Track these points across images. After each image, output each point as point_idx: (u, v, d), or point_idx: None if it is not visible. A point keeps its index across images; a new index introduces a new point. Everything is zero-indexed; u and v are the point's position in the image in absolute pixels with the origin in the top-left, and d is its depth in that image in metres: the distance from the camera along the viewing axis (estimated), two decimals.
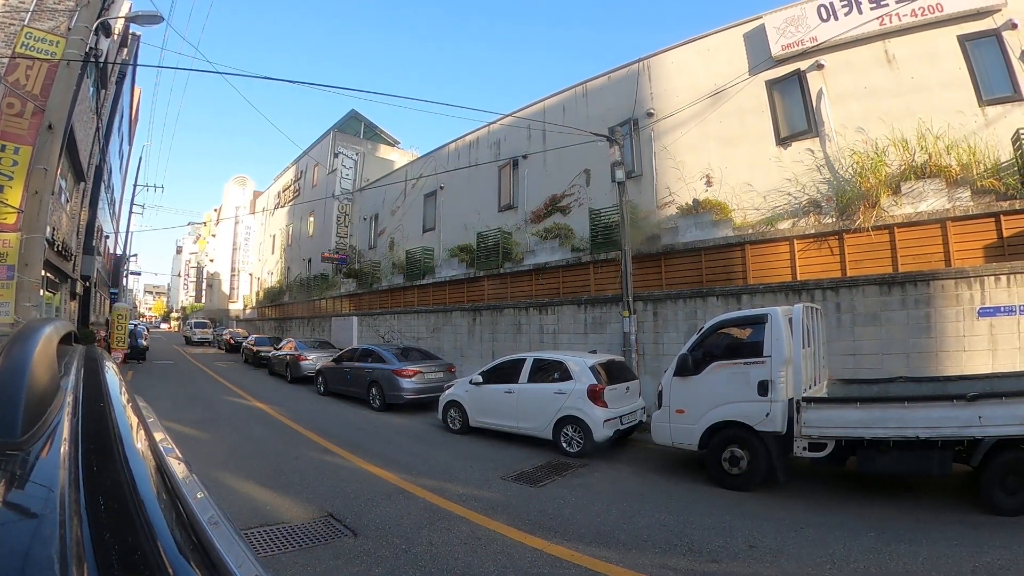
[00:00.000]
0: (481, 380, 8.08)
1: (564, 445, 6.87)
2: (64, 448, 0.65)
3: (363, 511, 4.62)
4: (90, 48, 6.30)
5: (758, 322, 5.57)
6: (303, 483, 5.45)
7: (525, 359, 7.80)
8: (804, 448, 5.13)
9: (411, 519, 4.44)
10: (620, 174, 9.59)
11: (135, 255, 32.73)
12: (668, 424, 5.98)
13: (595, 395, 6.70)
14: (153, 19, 7.25)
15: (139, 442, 0.83)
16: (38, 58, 6.77)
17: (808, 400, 5.15)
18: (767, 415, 5.28)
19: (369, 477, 5.76)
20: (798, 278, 8.98)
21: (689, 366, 5.79)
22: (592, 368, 6.98)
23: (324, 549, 3.83)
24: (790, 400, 5.24)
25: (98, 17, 6.21)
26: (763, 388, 5.32)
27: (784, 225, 9.47)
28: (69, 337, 1.43)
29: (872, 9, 9.13)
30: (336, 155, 24.32)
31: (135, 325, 27.57)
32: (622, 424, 6.91)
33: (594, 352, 8.30)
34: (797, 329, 5.39)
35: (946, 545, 3.89)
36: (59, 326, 1.08)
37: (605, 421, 6.62)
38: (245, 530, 4.08)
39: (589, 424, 6.64)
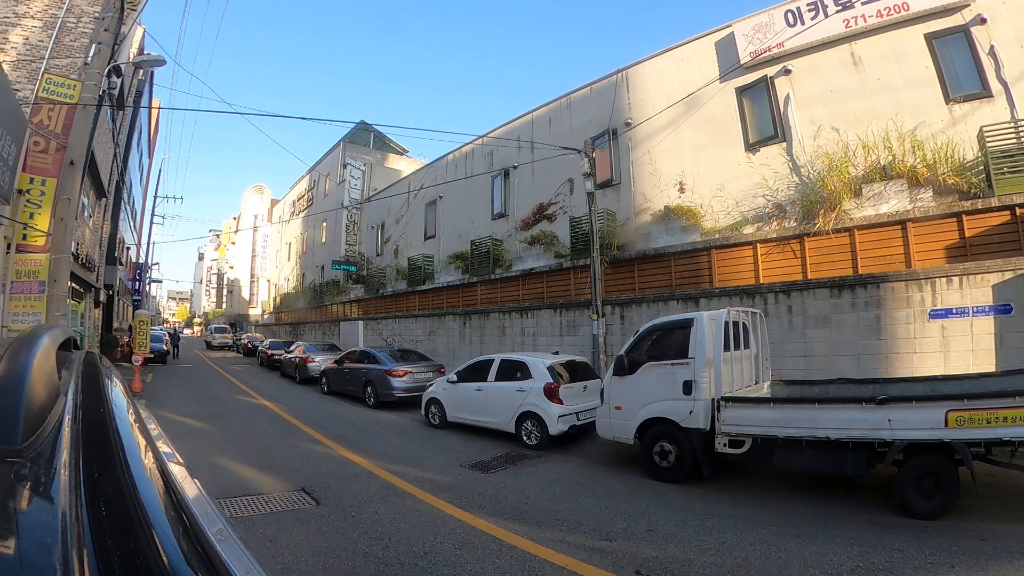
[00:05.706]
0: (456, 379, 8.80)
1: (524, 438, 7.53)
2: (65, 455, 0.65)
3: (330, 487, 5.43)
4: (103, 91, 7.23)
5: (685, 327, 6.06)
6: (287, 466, 6.28)
7: (493, 360, 8.47)
8: (724, 444, 5.48)
9: (367, 494, 5.21)
10: (589, 185, 10.13)
11: (157, 263, 34.40)
12: (609, 420, 6.52)
13: (551, 392, 7.34)
14: (157, 63, 8.19)
15: (140, 448, 0.83)
16: (58, 101, 7.80)
17: (726, 399, 5.54)
18: (691, 412, 5.71)
19: (345, 462, 6.55)
20: (761, 281, 9.20)
21: (625, 366, 6.30)
22: (550, 368, 7.61)
23: (288, 513, 4.68)
24: (712, 399, 5.64)
25: (109, 62, 7.12)
26: (687, 387, 5.77)
27: (749, 229, 9.69)
28: (69, 343, 1.42)
29: (838, 12, 9.14)
30: (345, 166, 25.31)
31: (174, 330, 29.73)
32: (578, 420, 7.49)
33: (556, 353, 8.91)
34: (719, 333, 5.87)
35: (842, 543, 3.92)
36: (58, 333, 1.08)
37: (560, 416, 7.25)
38: (228, 498, 4.92)
39: (545, 419, 7.28)
